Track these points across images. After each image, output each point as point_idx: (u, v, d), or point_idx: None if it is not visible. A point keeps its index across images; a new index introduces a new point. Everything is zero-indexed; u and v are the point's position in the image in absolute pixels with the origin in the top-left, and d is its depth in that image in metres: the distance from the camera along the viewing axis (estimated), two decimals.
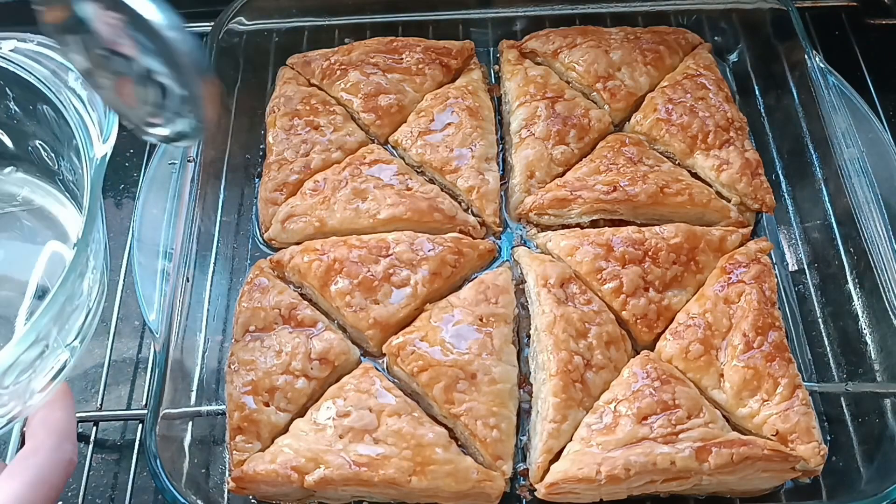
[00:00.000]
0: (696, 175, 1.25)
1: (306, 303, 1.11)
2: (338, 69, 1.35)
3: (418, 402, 1.03)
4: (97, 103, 0.85)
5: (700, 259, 1.14)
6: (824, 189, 1.20)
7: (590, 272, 1.12)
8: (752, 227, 1.22)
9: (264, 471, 0.95)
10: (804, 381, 1.05)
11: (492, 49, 1.47)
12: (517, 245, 1.22)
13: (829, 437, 1.05)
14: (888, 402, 1.03)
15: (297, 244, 1.18)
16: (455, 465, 0.96)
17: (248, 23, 1.39)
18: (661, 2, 1.46)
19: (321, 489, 0.96)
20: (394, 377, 1.07)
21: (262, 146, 1.33)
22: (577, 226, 1.21)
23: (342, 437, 0.97)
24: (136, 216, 1.13)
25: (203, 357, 1.10)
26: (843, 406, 1.07)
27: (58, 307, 0.73)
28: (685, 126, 1.26)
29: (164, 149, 1.19)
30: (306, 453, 0.95)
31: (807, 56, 1.27)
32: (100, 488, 1.07)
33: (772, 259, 1.17)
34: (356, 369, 1.06)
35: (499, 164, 1.28)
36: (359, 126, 1.31)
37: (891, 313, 1.05)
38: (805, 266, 1.20)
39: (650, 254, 1.13)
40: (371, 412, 0.99)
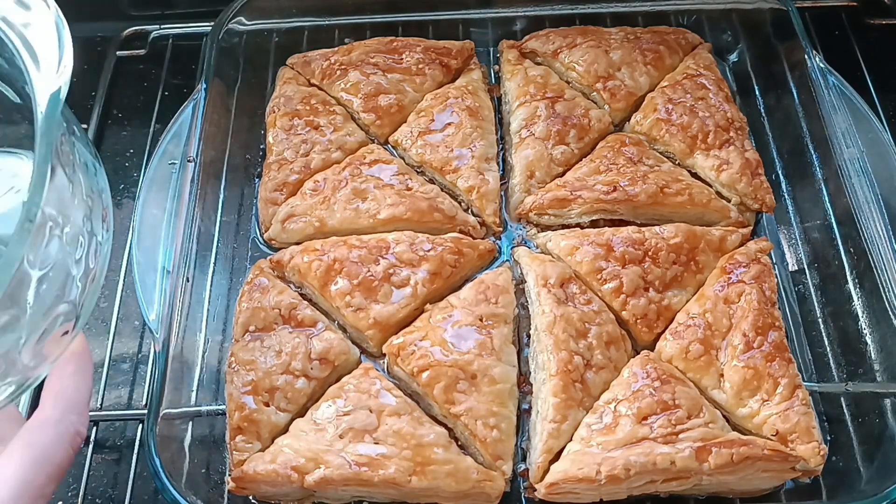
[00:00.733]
0: (696, 175, 1.25)
1: (306, 303, 1.11)
2: (338, 69, 1.35)
3: (418, 402, 1.03)
4: (49, 35, 0.74)
5: (700, 259, 1.14)
6: (824, 189, 1.20)
7: (590, 272, 1.12)
8: (752, 227, 1.22)
9: (264, 471, 0.95)
10: (804, 381, 1.05)
11: (492, 49, 1.47)
12: (517, 245, 1.22)
13: (829, 437, 1.05)
14: (888, 402, 1.03)
15: (297, 244, 1.18)
16: (455, 465, 0.96)
17: (248, 23, 1.39)
18: (661, 2, 1.46)
19: (321, 489, 0.96)
20: (394, 377, 1.07)
21: (262, 146, 1.33)
22: (577, 226, 1.21)
23: (342, 437, 0.97)
24: (136, 216, 1.13)
25: (203, 357, 1.10)
26: (843, 406, 1.07)
27: (10, 273, 0.61)
28: (685, 126, 1.26)
29: (164, 149, 1.19)
30: (306, 453, 0.95)
31: (807, 56, 1.27)
32: (100, 488, 1.07)
33: (772, 259, 1.17)
34: (356, 369, 1.06)
35: (499, 164, 1.28)
36: (359, 126, 1.31)
37: (891, 313, 1.05)
38: (805, 266, 1.20)
39: (650, 254, 1.13)
40: (371, 412, 0.99)
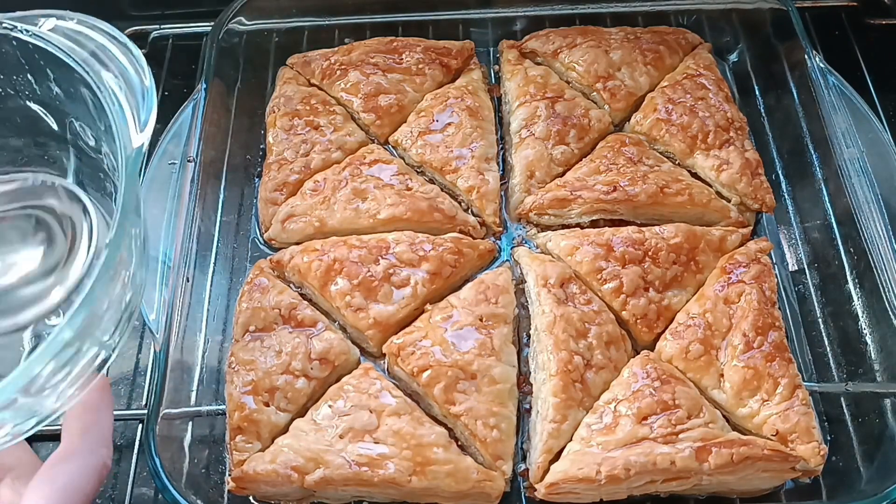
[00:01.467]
0: (696, 175, 1.25)
1: (306, 303, 1.11)
2: (338, 69, 1.35)
3: (418, 402, 1.03)
4: (136, 87, 0.81)
5: (700, 259, 1.14)
6: (824, 189, 1.20)
7: (590, 272, 1.12)
8: (752, 227, 1.22)
9: (264, 471, 0.95)
10: (804, 381, 1.05)
11: (492, 49, 1.47)
12: (517, 245, 1.22)
13: (829, 437, 1.05)
14: (888, 402, 1.03)
15: (297, 244, 1.18)
16: (455, 465, 0.96)
17: (248, 23, 1.39)
18: (661, 2, 1.46)
19: (321, 489, 0.96)
20: (394, 377, 1.07)
21: (262, 146, 1.33)
22: (577, 226, 1.21)
23: (342, 437, 0.97)
24: None
25: (203, 357, 1.10)
26: (843, 406, 1.07)
27: (91, 307, 0.69)
28: (685, 126, 1.26)
29: (164, 149, 1.19)
30: (306, 453, 0.95)
31: (807, 56, 1.27)
32: (100, 488, 1.07)
33: (772, 259, 1.17)
34: (356, 369, 1.06)
35: (499, 164, 1.28)
36: (359, 126, 1.31)
37: (891, 313, 1.05)
38: (805, 266, 1.20)
39: (650, 254, 1.13)
40: (371, 412, 0.99)
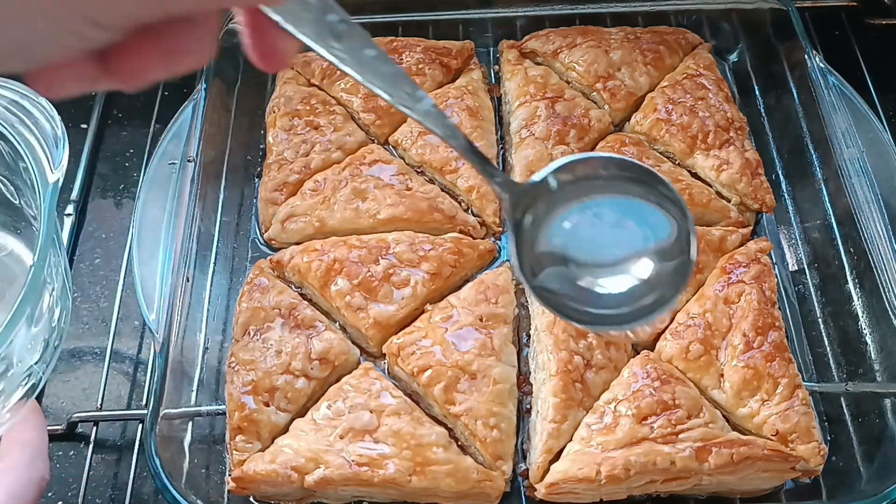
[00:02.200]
0: (696, 175, 1.25)
1: (306, 303, 1.11)
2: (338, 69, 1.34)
3: (418, 403, 1.03)
4: (48, 132, 0.88)
5: (700, 259, 1.14)
6: (824, 189, 1.20)
7: None
8: (752, 227, 1.22)
9: (264, 471, 0.95)
10: (804, 381, 1.04)
11: (492, 49, 1.47)
12: None
13: (829, 437, 1.05)
14: (888, 402, 1.02)
15: (298, 244, 1.18)
16: (455, 465, 0.96)
17: None
18: (661, 2, 1.46)
19: (321, 489, 0.96)
20: (394, 377, 1.07)
21: (262, 146, 1.33)
22: None
23: (342, 437, 0.97)
24: (136, 216, 1.13)
25: (203, 357, 1.10)
26: (843, 406, 1.07)
27: (16, 327, 0.74)
28: (685, 126, 1.26)
29: (164, 149, 1.19)
30: (306, 453, 0.95)
31: (807, 56, 1.27)
32: (100, 488, 1.07)
33: (772, 259, 1.17)
34: (356, 369, 1.06)
35: (499, 163, 1.28)
36: (359, 126, 1.31)
37: (891, 313, 1.05)
38: (805, 266, 1.20)
39: None
40: (371, 412, 0.99)
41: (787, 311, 1.16)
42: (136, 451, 1.08)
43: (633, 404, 0.99)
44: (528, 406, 1.05)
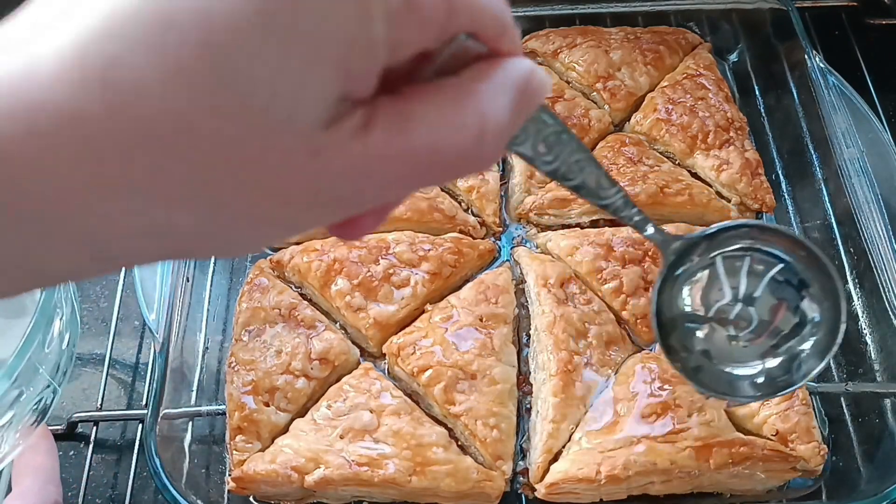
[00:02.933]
0: (696, 175, 1.25)
1: (306, 303, 1.11)
2: None
3: (418, 403, 1.03)
4: None
5: None
6: (824, 189, 1.20)
7: (590, 272, 1.12)
8: None
9: (264, 471, 0.95)
10: None
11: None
12: (517, 245, 1.22)
13: (829, 437, 1.05)
14: (888, 402, 1.02)
15: (298, 244, 1.18)
16: (455, 465, 0.96)
17: None
18: (661, 2, 1.46)
19: (321, 489, 0.96)
20: (394, 377, 1.07)
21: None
22: (577, 226, 1.21)
23: (342, 437, 0.97)
24: None
25: (203, 357, 1.10)
26: (843, 406, 1.07)
27: (28, 353, 0.75)
28: (685, 126, 1.26)
29: None
30: (306, 453, 0.95)
31: (807, 56, 1.27)
32: (100, 488, 1.07)
33: None
34: (356, 369, 1.06)
35: (499, 163, 1.28)
36: None
37: (891, 313, 1.05)
38: None
39: (650, 254, 1.12)
40: (371, 412, 0.99)
41: None
42: (136, 451, 1.07)
43: (633, 404, 0.99)
44: (528, 406, 1.05)
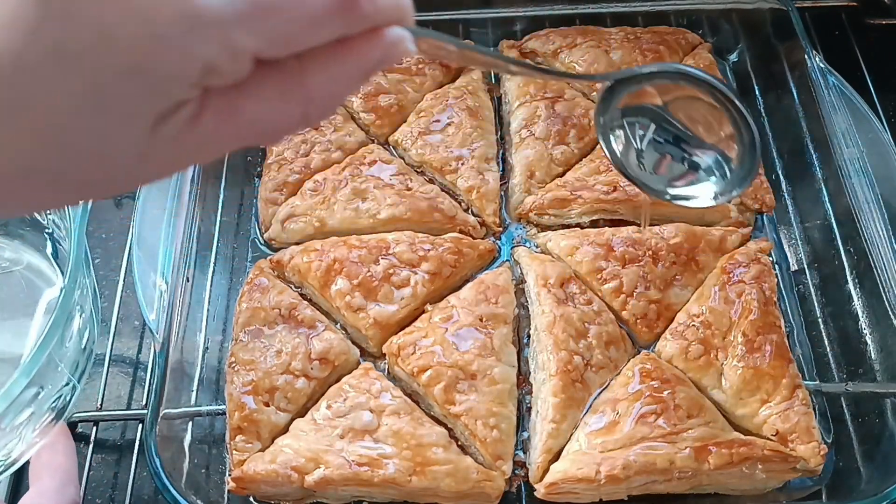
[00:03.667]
0: None
1: (306, 303, 1.11)
2: None
3: (418, 403, 1.03)
4: None
5: (700, 259, 1.14)
6: (824, 189, 1.20)
7: (590, 272, 1.12)
8: (752, 227, 1.22)
9: (264, 471, 0.95)
10: (804, 380, 1.05)
11: (492, 49, 1.46)
12: (517, 245, 1.22)
13: (829, 437, 1.05)
14: (888, 402, 1.02)
15: (297, 244, 1.18)
16: (455, 465, 0.96)
17: None
18: (661, 2, 1.46)
19: (321, 489, 0.96)
20: (394, 377, 1.07)
21: (262, 146, 1.33)
22: (577, 226, 1.21)
23: (342, 437, 0.97)
24: (136, 216, 1.12)
25: (203, 357, 1.10)
26: (843, 406, 1.07)
27: (47, 350, 0.74)
28: None
29: None
30: (306, 453, 0.95)
31: (807, 56, 1.27)
32: (100, 488, 1.07)
33: (772, 259, 1.17)
34: (356, 369, 1.06)
35: (499, 164, 1.28)
36: (359, 126, 1.31)
37: (891, 313, 1.05)
38: (805, 266, 1.20)
39: (650, 254, 1.12)
40: (371, 412, 0.99)
41: (788, 311, 1.16)
42: (136, 451, 1.07)
43: (632, 404, 0.99)
44: (528, 406, 1.05)
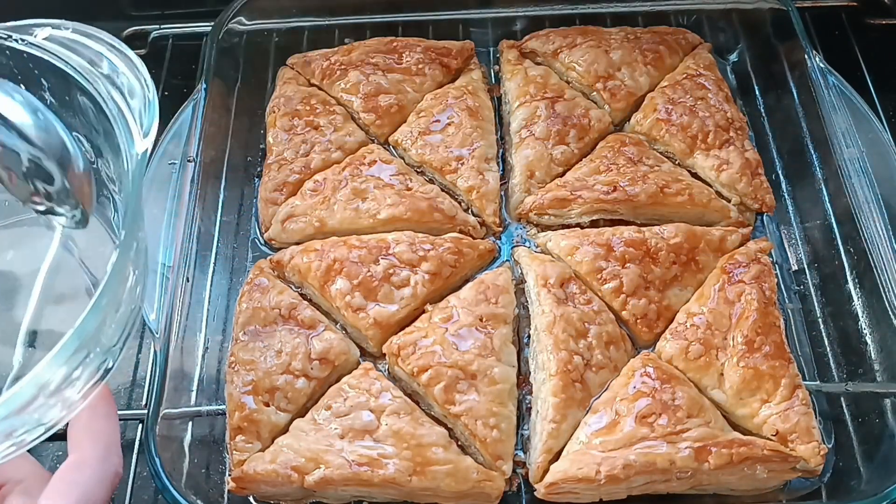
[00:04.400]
0: (696, 175, 1.25)
1: (306, 303, 1.11)
2: (338, 69, 1.35)
3: (418, 403, 1.03)
4: (137, 93, 0.81)
5: (700, 259, 1.14)
6: (824, 189, 1.20)
7: (590, 272, 1.12)
8: (752, 227, 1.22)
9: (264, 471, 0.95)
10: (804, 381, 1.05)
11: (492, 49, 1.47)
12: (517, 245, 1.22)
13: (829, 437, 1.05)
14: (888, 402, 1.03)
15: (297, 244, 1.18)
16: (455, 465, 0.96)
17: (248, 23, 1.39)
18: (661, 2, 1.46)
19: (321, 489, 0.96)
20: (394, 377, 1.07)
21: (262, 146, 1.33)
22: (577, 226, 1.21)
23: (342, 437, 0.97)
24: None
25: (203, 357, 1.10)
26: (843, 406, 1.07)
27: (101, 313, 0.69)
28: (685, 126, 1.26)
29: (164, 149, 1.19)
30: (306, 453, 0.95)
31: (807, 56, 1.27)
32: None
33: (772, 259, 1.17)
34: (356, 369, 1.06)
35: (499, 164, 1.28)
36: (359, 126, 1.31)
37: (891, 313, 1.05)
38: (805, 266, 1.20)
39: (650, 254, 1.12)
40: (371, 412, 0.99)
41: (788, 311, 1.16)
42: (136, 451, 1.07)
43: (632, 404, 0.99)
44: (528, 406, 1.05)
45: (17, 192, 0.84)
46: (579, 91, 1.34)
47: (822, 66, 1.26)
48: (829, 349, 1.13)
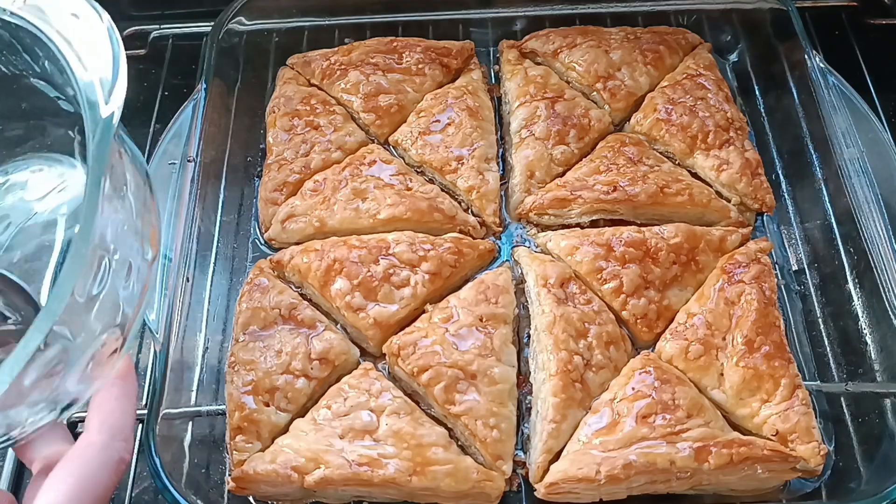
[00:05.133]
0: (696, 175, 1.25)
1: (306, 303, 1.11)
2: (338, 69, 1.35)
3: (418, 403, 1.03)
4: (97, 54, 0.72)
5: (700, 259, 1.14)
6: (824, 189, 1.20)
7: (590, 272, 1.12)
8: (752, 227, 1.22)
9: (264, 471, 0.95)
10: (804, 381, 1.05)
11: (492, 49, 1.47)
12: (517, 245, 1.22)
13: (829, 438, 1.05)
14: (888, 402, 1.03)
15: (297, 244, 1.18)
16: (455, 465, 0.96)
17: (248, 23, 1.39)
18: (661, 2, 1.46)
19: (321, 489, 0.96)
20: (394, 377, 1.07)
21: (262, 146, 1.33)
22: (577, 226, 1.21)
23: (342, 437, 0.97)
24: None
25: (203, 357, 1.10)
26: (843, 406, 1.07)
27: (65, 296, 0.60)
28: (685, 126, 1.26)
29: (164, 149, 1.19)
30: (306, 453, 0.95)
31: (807, 56, 1.27)
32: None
33: (772, 259, 1.17)
34: (356, 369, 1.06)
35: (499, 164, 1.28)
36: (359, 126, 1.31)
37: (891, 313, 1.05)
38: (805, 266, 1.20)
39: (650, 254, 1.12)
40: (371, 412, 0.99)
41: (788, 311, 1.16)
42: (136, 451, 1.07)
43: (632, 404, 0.99)
44: (528, 406, 1.05)
45: None
46: (579, 91, 1.34)
47: (822, 66, 1.26)
48: (829, 349, 1.13)
